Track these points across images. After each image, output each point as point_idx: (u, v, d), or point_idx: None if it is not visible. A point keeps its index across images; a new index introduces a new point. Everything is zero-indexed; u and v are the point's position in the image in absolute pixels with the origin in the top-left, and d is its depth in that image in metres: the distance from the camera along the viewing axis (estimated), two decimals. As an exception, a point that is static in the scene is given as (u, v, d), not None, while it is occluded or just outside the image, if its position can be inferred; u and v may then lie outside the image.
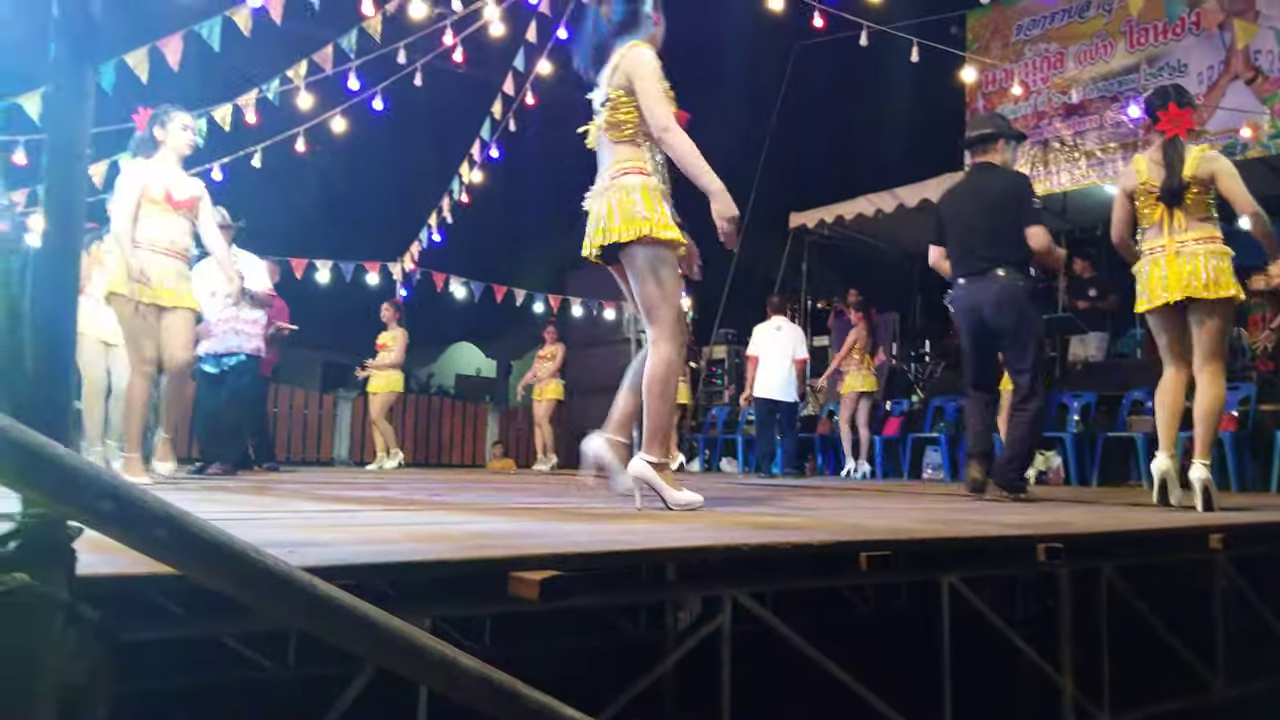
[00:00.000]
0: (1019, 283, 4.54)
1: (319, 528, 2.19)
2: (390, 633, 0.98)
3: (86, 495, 0.79)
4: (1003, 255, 4.53)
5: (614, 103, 3.15)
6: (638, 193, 3.07)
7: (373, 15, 7.17)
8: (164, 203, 4.74)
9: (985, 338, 4.65)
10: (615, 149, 3.17)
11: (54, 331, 1.10)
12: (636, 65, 3.11)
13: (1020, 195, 4.62)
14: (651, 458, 3.04)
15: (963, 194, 4.81)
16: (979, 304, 4.57)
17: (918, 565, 2.34)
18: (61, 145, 1.15)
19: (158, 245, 4.71)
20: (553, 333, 11.07)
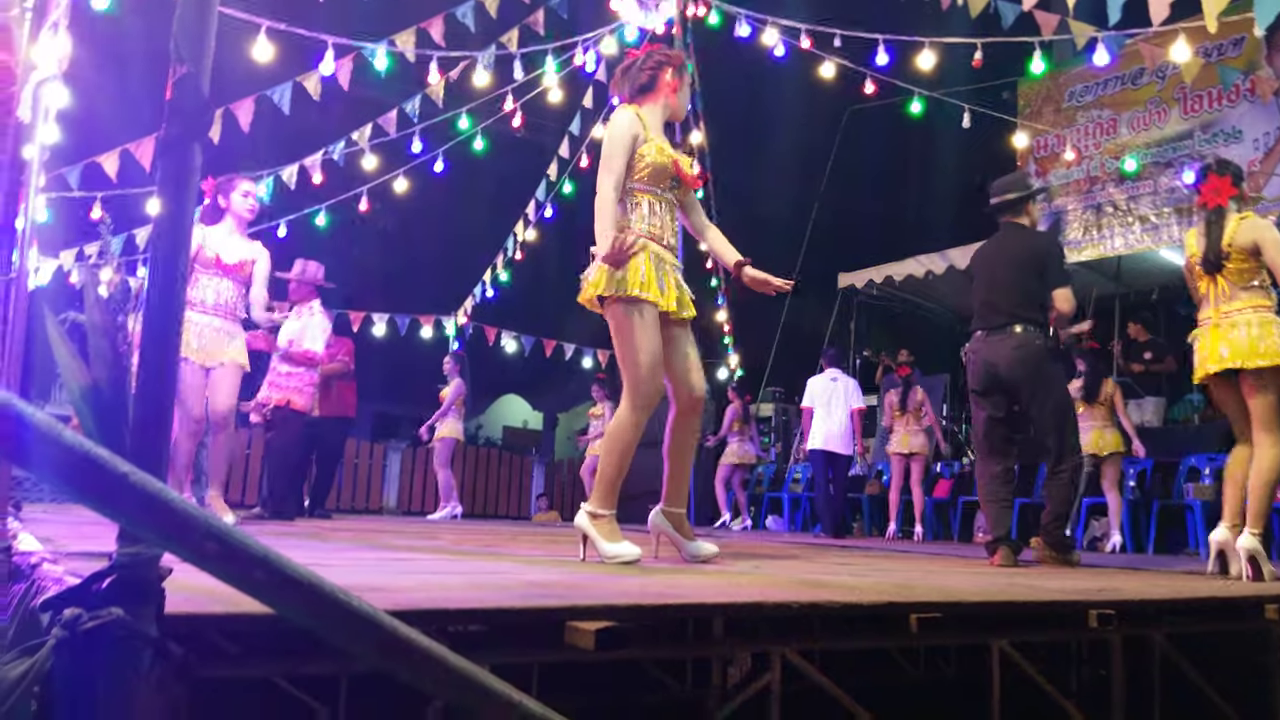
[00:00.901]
0: (1037, 340, 4.49)
1: (380, 574, 2.26)
2: (463, 676, 1.04)
3: (195, 537, 0.86)
4: (1023, 312, 4.50)
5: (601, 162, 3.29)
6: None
7: (436, 82, 7.43)
8: (213, 266, 4.99)
9: (999, 394, 4.56)
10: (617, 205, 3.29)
11: (156, 384, 1.20)
12: (609, 128, 3.28)
13: (1051, 256, 4.63)
14: (592, 508, 3.12)
15: (991, 251, 4.82)
16: (995, 358, 4.52)
17: (968, 628, 2.34)
18: (170, 217, 1.25)
19: (205, 305, 4.95)
20: (600, 391, 11.16)
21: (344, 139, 8.19)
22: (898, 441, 8.97)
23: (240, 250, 5.17)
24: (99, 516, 3.12)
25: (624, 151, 3.20)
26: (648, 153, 3.24)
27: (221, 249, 5.05)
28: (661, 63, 3.39)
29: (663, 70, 3.38)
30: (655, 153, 3.25)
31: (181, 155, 1.24)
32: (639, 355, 3.12)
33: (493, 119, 8.51)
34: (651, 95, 3.38)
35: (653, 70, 3.38)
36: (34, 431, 0.79)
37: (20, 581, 1.96)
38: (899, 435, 9.01)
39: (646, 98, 3.38)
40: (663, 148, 3.29)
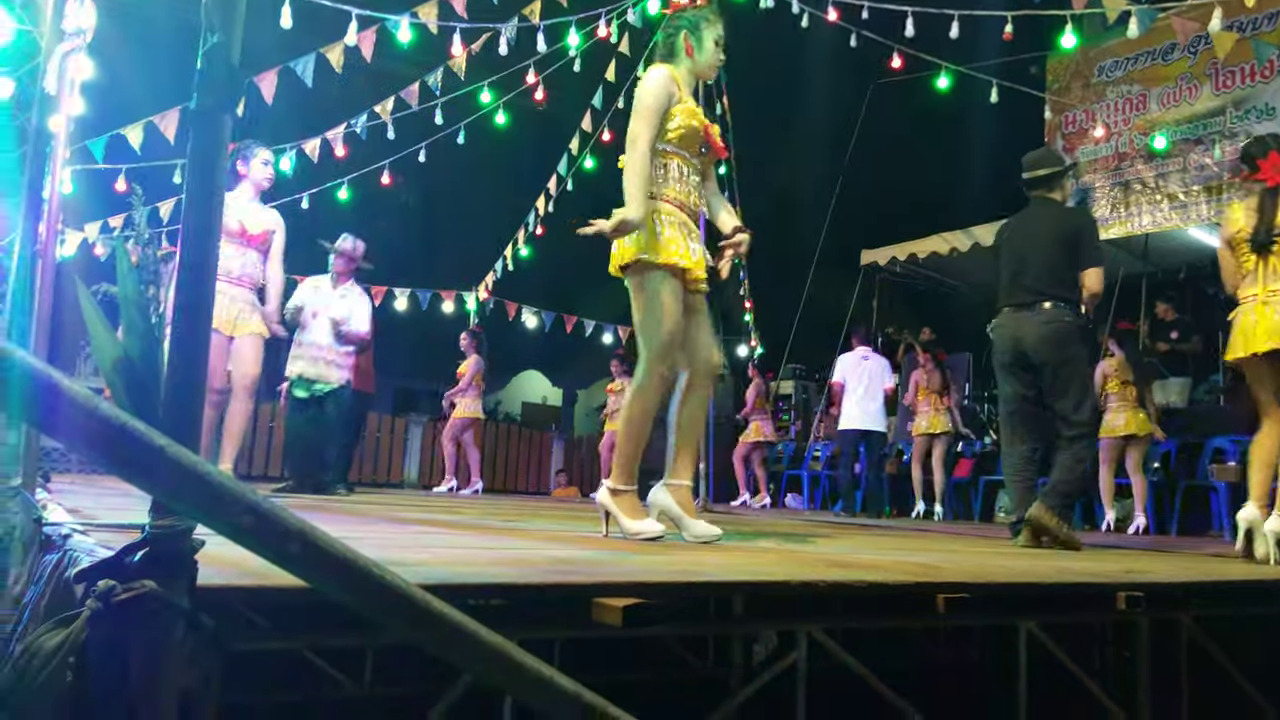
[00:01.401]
0: (1066, 317, 4.40)
1: (405, 548, 2.27)
2: (495, 650, 1.03)
3: (231, 511, 0.85)
4: (1053, 289, 4.42)
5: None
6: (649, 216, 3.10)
7: (459, 54, 7.39)
8: (238, 236, 4.97)
9: (1025, 371, 4.49)
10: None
11: (188, 356, 1.19)
12: (638, 87, 3.19)
13: (1084, 233, 4.53)
14: (612, 484, 3.08)
15: (1021, 226, 4.72)
16: (1021, 335, 4.44)
17: (996, 609, 2.33)
18: (201, 187, 1.24)
19: (230, 275, 4.93)
20: (619, 365, 11.16)
21: (366, 112, 8.17)
22: (928, 422, 8.93)
23: (263, 220, 5.16)
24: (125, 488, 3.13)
25: (659, 108, 3.11)
26: (679, 114, 3.15)
27: (245, 218, 5.04)
28: (677, 28, 3.33)
29: (677, 34, 3.32)
30: (687, 115, 3.17)
31: (212, 126, 1.23)
32: (663, 324, 3.06)
33: (514, 92, 8.47)
34: (675, 58, 3.32)
35: (670, 34, 3.34)
36: (71, 404, 0.78)
37: (51, 552, 1.97)
38: (928, 415, 8.96)
39: (672, 60, 3.32)
40: (695, 110, 3.21)
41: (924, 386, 9.09)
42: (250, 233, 5.04)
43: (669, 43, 3.34)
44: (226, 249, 4.94)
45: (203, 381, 1.20)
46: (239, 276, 5.00)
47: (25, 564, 2.74)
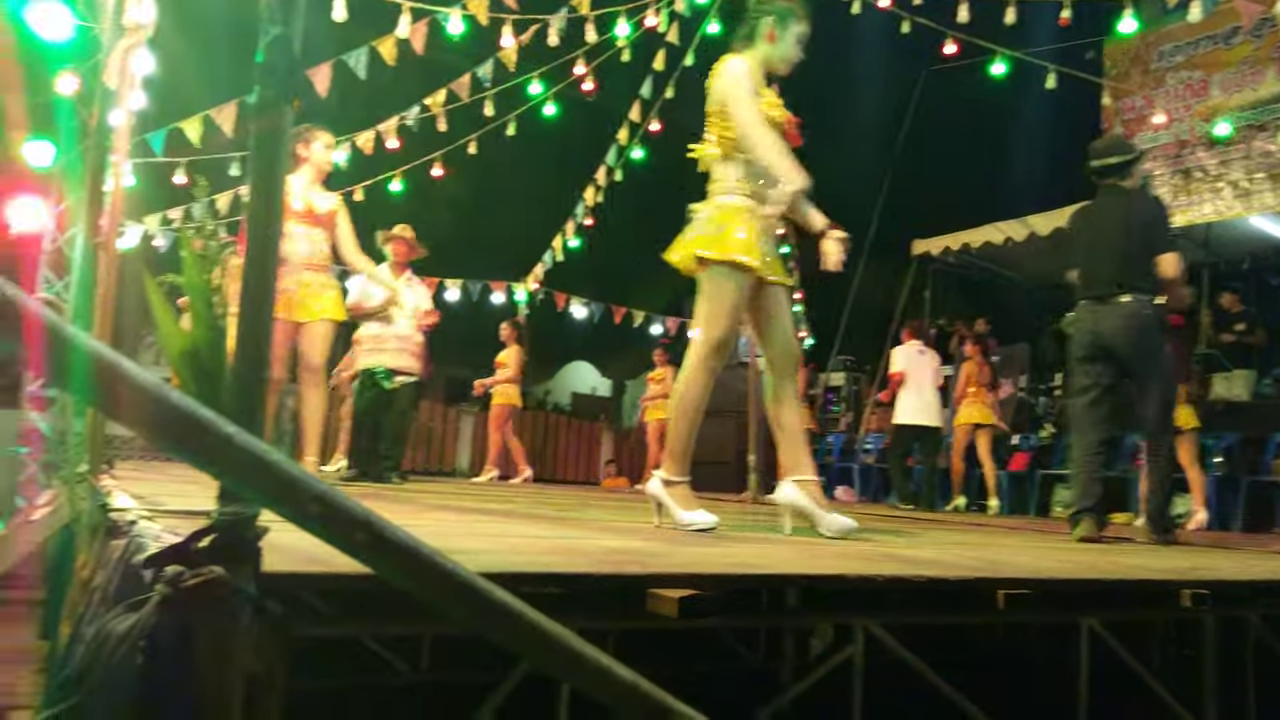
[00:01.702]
0: (1146, 309, 4.32)
1: (463, 536, 2.29)
2: (554, 640, 1.03)
3: (299, 499, 0.86)
4: (1133, 280, 4.32)
5: (709, 119, 3.17)
6: (722, 211, 3.09)
7: (509, 45, 7.42)
8: (305, 217, 4.95)
9: (1104, 366, 4.40)
10: (719, 165, 3.18)
11: (252, 345, 1.20)
12: (721, 79, 3.13)
13: (1159, 221, 4.44)
14: (665, 475, 3.05)
15: (1094, 216, 4.62)
16: (1102, 328, 4.35)
17: (1057, 605, 2.29)
18: (263, 177, 1.25)
19: (299, 258, 4.91)
20: (663, 355, 11.13)
21: (418, 104, 8.24)
22: (969, 413, 8.80)
23: (329, 200, 5.17)
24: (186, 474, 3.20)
25: (752, 94, 3.06)
26: (762, 108, 3.11)
27: (312, 200, 5.03)
28: (763, 12, 3.25)
29: (762, 19, 3.24)
30: (770, 108, 3.13)
31: (274, 117, 1.24)
32: (725, 319, 3.05)
33: (564, 83, 8.48)
34: (751, 45, 3.25)
35: (754, 19, 3.25)
36: (143, 392, 0.79)
37: (117, 537, 2.01)
38: (970, 406, 8.83)
39: (748, 46, 3.24)
40: (776, 103, 3.18)
41: (974, 379, 8.96)
42: (317, 213, 5.02)
43: (750, 25, 3.26)
44: (294, 232, 4.90)
45: (266, 371, 1.21)
46: (307, 260, 4.95)
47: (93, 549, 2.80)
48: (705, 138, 3.21)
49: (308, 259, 4.95)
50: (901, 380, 8.70)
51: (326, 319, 4.96)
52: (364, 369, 6.42)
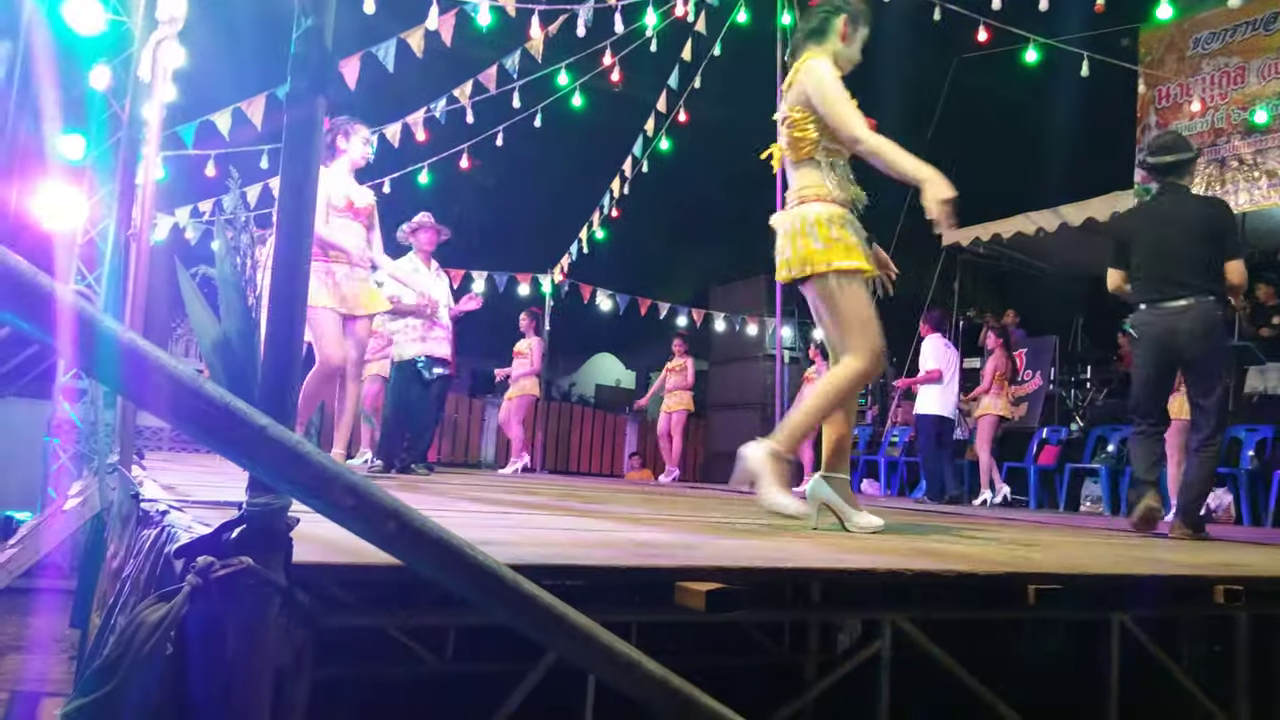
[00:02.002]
0: (1216, 312, 4.30)
1: (491, 528, 2.29)
2: (583, 632, 1.03)
3: (333, 491, 0.86)
4: (1202, 282, 4.30)
5: (791, 120, 3.07)
6: (813, 224, 3.00)
7: (537, 36, 7.41)
8: (347, 211, 4.94)
9: (1167, 369, 4.41)
10: (795, 171, 3.09)
11: (284, 337, 1.21)
12: (812, 77, 3.02)
13: (1227, 225, 4.41)
14: (778, 447, 2.94)
15: (1156, 215, 4.54)
16: (1174, 330, 4.31)
17: (1088, 601, 2.26)
18: (296, 167, 1.25)
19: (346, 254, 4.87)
20: (681, 345, 11.08)
21: (445, 96, 8.26)
22: (1003, 406, 8.73)
23: (366, 195, 5.17)
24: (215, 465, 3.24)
25: (847, 95, 2.99)
26: None
27: (351, 193, 5.03)
28: (838, 7, 3.14)
29: (837, 15, 3.14)
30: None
31: (307, 108, 1.24)
32: (866, 319, 2.98)
33: (591, 74, 8.47)
34: (823, 41, 3.14)
35: (827, 13, 3.15)
36: (177, 384, 0.79)
37: (148, 527, 2.03)
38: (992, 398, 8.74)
39: (819, 42, 3.14)
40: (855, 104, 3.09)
41: (1000, 373, 8.85)
42: (357, 206, 5.03)
43: (824, 20, 3.15)
44: (339, 224, 4.90)
45: (298, 362, 1.21)
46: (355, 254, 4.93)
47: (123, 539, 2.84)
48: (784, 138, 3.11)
49: (359, 252, 4.93)
50: (940, 376, 8.61)
51: (373, 312, 5.00)
52: (404, 359, 6.42)
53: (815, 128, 3.04)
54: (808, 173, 3.06)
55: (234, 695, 1.22)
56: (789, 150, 3.10)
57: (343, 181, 5.02)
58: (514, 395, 9.92)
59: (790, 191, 3.13)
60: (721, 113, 10.44)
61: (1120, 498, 8.21)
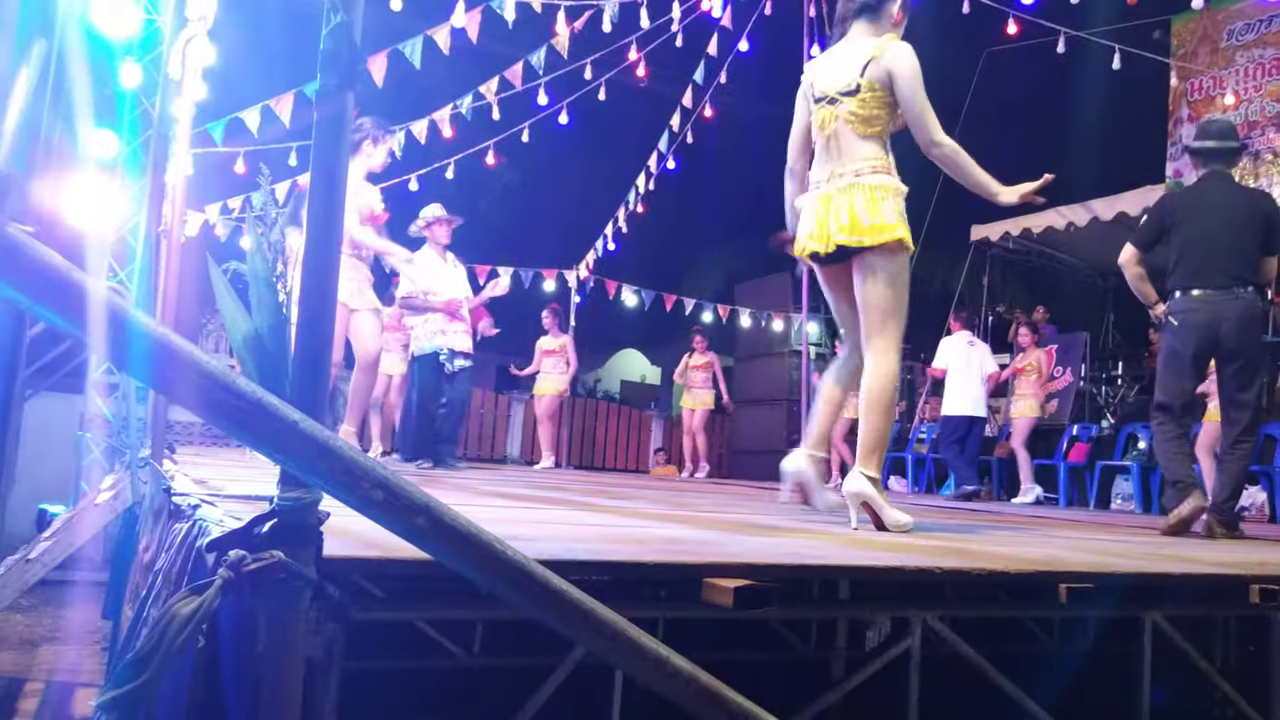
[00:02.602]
0: (1259, 303, 4.23)
1: (518, 523, 2.29)
2: (612, 627, 1.03)
3: (363, 485, 0.86)
4: (1246, 274, 4.22)
5: (866, 96, 2.99)
6: (888, 195, 2.95)
7: (563, 33, 7.42)
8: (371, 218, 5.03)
9: (1206, 356, 4.30)
10: (860, 144, 3.00)
11: (315, 333, 1.21)
12: (903, 64, 2.96)
13: (1272, 218, 4.32)
14: (871, 473, 2.91)
15: (1202, 202, 4.44)
16: (1219, 318, 4.21)
17: (1120, 600, 2.23)
18: (326, 164, 1.26)
19: (348, 251, 4.99)
20: (702, 341, 11.03)
21: (471, 93, 8.28)
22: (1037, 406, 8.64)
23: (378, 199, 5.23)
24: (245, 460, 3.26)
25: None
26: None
27: (374, 200, 5.09)
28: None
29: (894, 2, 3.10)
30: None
31: (336, 104, 1.24)
32: (904, 307, 2.98)
33: (617, 69, 8.47)
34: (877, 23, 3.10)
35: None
36: (211, 380, 0.80)
37: (180, 520, 2.05)
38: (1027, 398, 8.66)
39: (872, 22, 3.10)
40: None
41: (1042, 370, 8.77)
42: (377, 213, 5.10)
43: (876, 3, 3.10)
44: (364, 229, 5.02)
45: (329, 358, 1.22)
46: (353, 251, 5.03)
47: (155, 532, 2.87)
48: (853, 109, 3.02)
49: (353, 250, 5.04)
50: (944, 376, 8.55)
51: (374, 307, 5.16)
52: (425, 352, 6.38)
53: (888, 111, 3.00)
54: (874, 146, 3.01)
55: (265, 688, 1.23)
56: (858, 123, 3.00)
57: (365, 186, 5.09)
58: (549, 392, 9.93)
59: (847, 160, 3.02)
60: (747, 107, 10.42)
61: (1152, 495, 8.12)
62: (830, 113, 3.06)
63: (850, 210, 2.94)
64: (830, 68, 3.11)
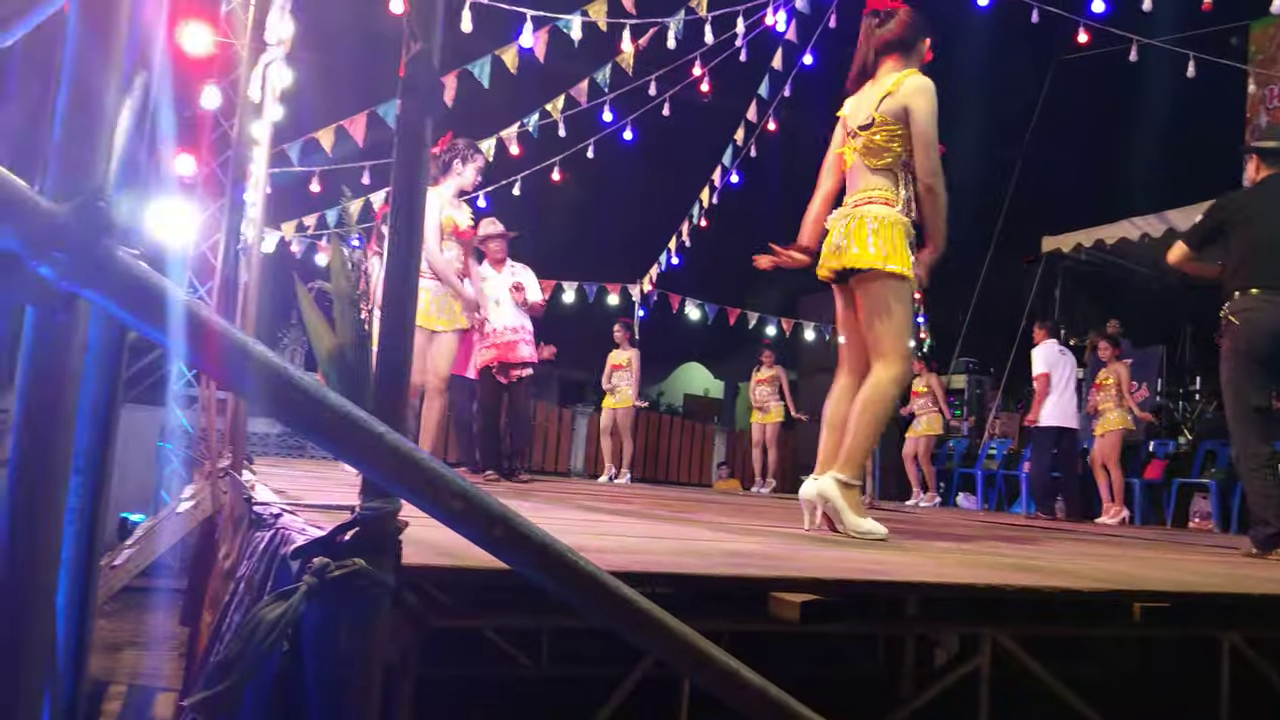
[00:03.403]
0: None
1: (586, 534, 2.33)
2: (684, 639, 1.05)
3: (443, 495, 0.90)
4: None
5: (879, 129, 3.07)
6: (876, 223, 3.04)
7: (628, 50, 7.49)
8: (454, 235, 5.09)
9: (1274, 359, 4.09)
10: (868, 175, 3.12)
11: (395, 349, 1.26)
12: (920, 100, 3.04)
13: None
14: (844, 477, 2.97)
15: (1265, 203, 4.29)
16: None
17: (1197, 620, 2.18)
18: (406, 187, 1.30)
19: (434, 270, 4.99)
20: (770, 356, 11.00)
21: (538, 110, 8.41)
22: (1121, 417, 8.37)
23: (468, 216, 5.29)
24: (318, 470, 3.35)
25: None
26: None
27: (459, 217, 5.15)
28: (922, 28, 3.18)
29: (922, 36, 3.18)
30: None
31: (416, 130, 1.29)
32: (904, 329, 3.06)
33: (681, 85, 8.52)
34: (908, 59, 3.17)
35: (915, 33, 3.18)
36: (306, 395, 0.84)
37: (261, 529, 2.12)
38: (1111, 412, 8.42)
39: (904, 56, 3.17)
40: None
41: (1126, 384, 8.53)
42: (461, 229, 5.15)
43: (916, 36, 3.18)
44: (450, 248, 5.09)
45: (407, 372, 1.26)
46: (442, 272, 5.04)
47: (235, 541, 2.96)
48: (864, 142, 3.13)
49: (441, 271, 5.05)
50: (1048, 381, 8.26)
51: (456, 329, 5.11)
52: (482, 365, 6.42)
53: (901, 144, 3.07)
54: (882, 179, 3.10)
55: (346, 691, 1.27)
56: (867, 155, 3.11)
57: (453, 204, 5.16)
58: (621, 405, 10.00)
59: (858, 190, 3.15)
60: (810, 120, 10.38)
61: (1232, 514, 7.87)
62: (851, 145, 3.20)
63: (846, 236, 3.08)
64: (857, 103, 3.23)
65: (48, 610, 0.89)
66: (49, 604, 0.88)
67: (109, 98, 0.90)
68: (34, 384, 0.83)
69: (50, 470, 0.84)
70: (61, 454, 0.84)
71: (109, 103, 0.90)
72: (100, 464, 1.16)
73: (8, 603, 0.84)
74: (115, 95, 0.90)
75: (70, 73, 0.89)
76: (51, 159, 0.90)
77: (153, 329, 0.81)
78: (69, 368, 0.86)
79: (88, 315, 0.92)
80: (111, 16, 0.89)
